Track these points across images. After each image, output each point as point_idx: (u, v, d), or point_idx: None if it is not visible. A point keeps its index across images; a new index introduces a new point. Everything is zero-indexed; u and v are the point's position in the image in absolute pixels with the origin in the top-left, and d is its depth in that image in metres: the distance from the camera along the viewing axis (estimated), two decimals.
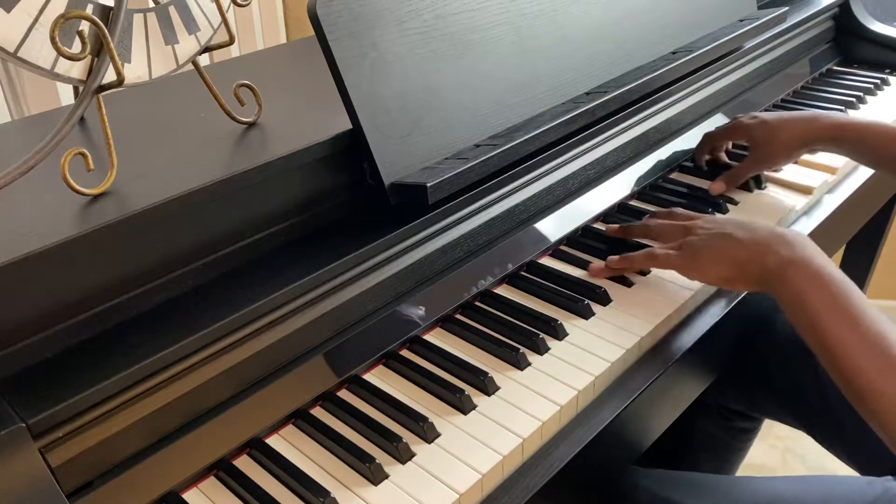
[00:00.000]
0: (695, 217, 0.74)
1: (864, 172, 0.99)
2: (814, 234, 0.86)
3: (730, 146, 0.98)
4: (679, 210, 0.78)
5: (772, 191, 0.91)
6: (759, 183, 0.92)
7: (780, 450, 1.55)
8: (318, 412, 0.62)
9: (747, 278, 0.65)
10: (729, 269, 0.66)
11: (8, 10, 0.52)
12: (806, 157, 0.94)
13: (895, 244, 1.55)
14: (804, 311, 0.59)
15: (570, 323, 0.70)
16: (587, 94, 0.85)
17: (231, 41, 0.69)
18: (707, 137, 0.95)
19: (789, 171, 0.94)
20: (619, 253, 0.76)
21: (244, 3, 0.69)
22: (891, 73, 1.24)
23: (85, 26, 0.56)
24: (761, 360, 0.91)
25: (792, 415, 0.90)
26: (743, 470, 1.16)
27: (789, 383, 0.89)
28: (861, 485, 0.69)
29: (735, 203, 0.88)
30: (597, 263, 0.76)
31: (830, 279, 0.59)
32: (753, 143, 0.89)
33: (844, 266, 1.49)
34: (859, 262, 1.45)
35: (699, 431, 1.06)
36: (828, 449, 0.89)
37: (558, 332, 0.68)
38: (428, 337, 0.69)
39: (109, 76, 0.58)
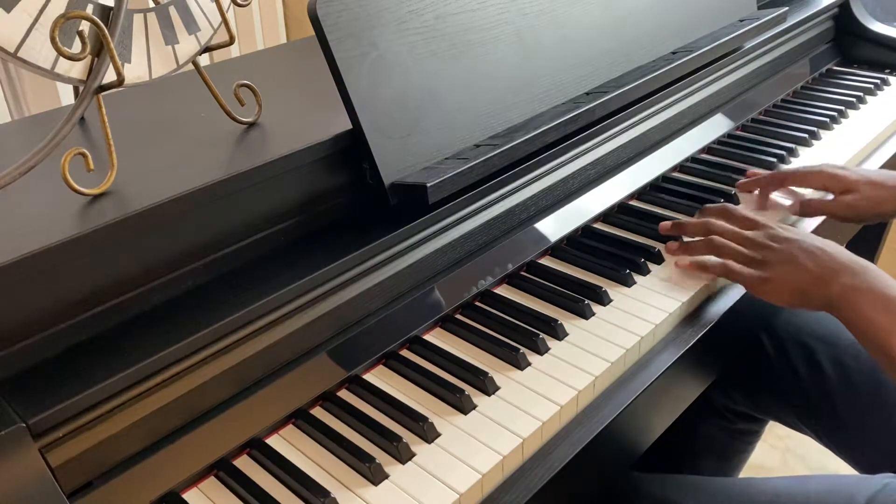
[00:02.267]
0: (757, 225, 0.73)
1: None
2: (815, 234, 0.86)
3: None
4: (731, 208, 0.76)
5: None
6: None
7: (780, 450, 1.55)
8: (318, 412, 0.62)
9: (812, 304, 0.66)
10: (795, 296, 0.67)
11: (8, 10, 0.52)
12: None
13: (895, 244, 1.54)
14: (875, 337, 0.61)
15: (570, 323, 0.70)
16: (587, 94, 0.85)
17: (231, 41, 0.69)
18: (776, 180, 0.87)
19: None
20: (621, 255, 0.76)
21: (244, 3, 0.69)
22: (891, 73, 1.24)
23: (85, 26, 0.56)
24: (765, 361, 0.91)
25: (795, 416, 0.90)
26: (743, 470, 1.16)
27: (793, 384, 0.88)
28: (859, 481, 0.69)
29: (737, 203, 0.88)
30: (671, 245, 0.78)
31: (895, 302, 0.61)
32: (845, 191, 0.82)
33: None
34: None
35: (702, 434, 1.05)
36: (831, 449, 0.89)
37: (558, 332, 0.68)
38: (428, 337, 0.69)
39: (109, 76, 0.58)
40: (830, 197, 0.84)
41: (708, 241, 0.74)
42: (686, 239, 0.77)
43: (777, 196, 0.88)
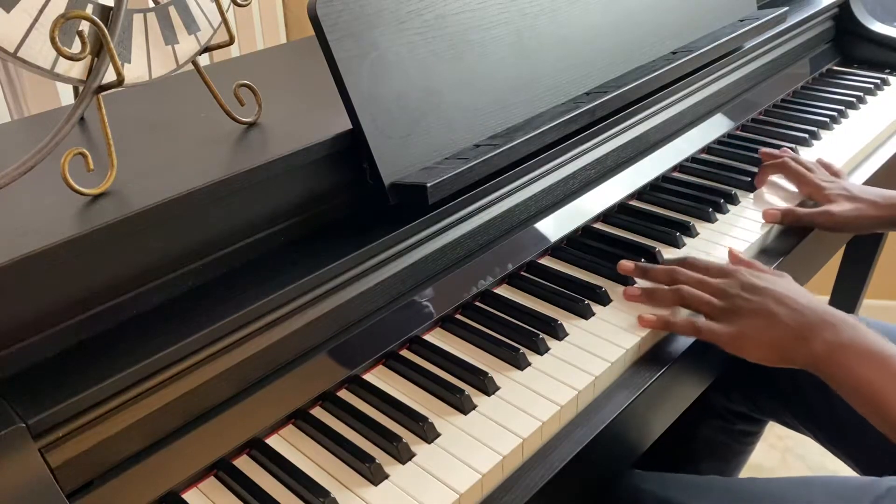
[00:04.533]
0: (723, 272, 0.69)
1: (864, 173, 0.99)
2: (814, 234, 0.86)
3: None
4: (697, 260, 0.72)
5: (772, 191, 0.91)
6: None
7: (779, 450, 1.55)
8: (318, 412, 0.62)
9: (792, 361, 0.63)
10: (772, 353, 0.63)
11: (8, 10, 0.52)
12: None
13: (895, 244, 1.55)
14: (866, 394, 0.58)
15: (570, 323, 0.70)
16: (587, 93, 0.85)
17: (231, 41, 0.69)
18: (779, 166, 0.89)
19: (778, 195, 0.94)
20: (621, 255, 0.75)
21: (244, 3, 0.69)
22: (891, 73, 1.24)
23: (85, 26, 0.56)
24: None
25: (795, 416, 0.90)
26: (742, 470, 1.16)
27: (792, 385, 0.88)
28: (864, 484, 0.69)
29: (737, 203, 0.88)
30: (632, 291, 0.72)
31: (884, 355, 0.58)
32: (829, 202, 0.84)
33: (844, 266, 1.49)
34: (859, 262, 1.45)
35: (701, 435, 1.05)
36: (830, 451, 0.89)
37: (558, 332, 0.68)
38: (428, 337, 0.69)
39: (109, 76, 0.58)
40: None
41: (675, 290, 0.69)
42: (649, 285, 0.72)
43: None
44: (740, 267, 0.70)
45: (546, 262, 0.79)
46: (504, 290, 0.75)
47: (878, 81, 1.19)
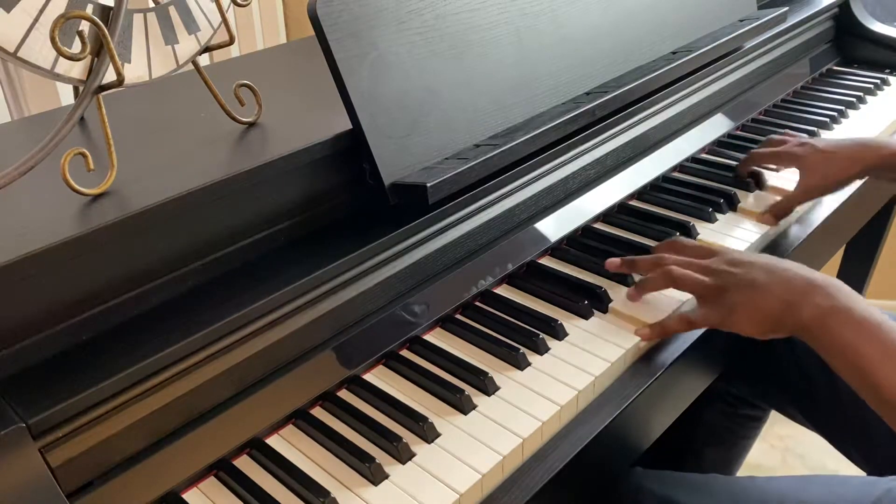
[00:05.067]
0: (709, 252, 0.69)
1: None
2: (814, 234, 0.86)
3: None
4: (682, 241, 0.73)
5: (772, 190, 0.91)
6: (759, 184, 0.92)
7: (779, 450, 1.55)
8: (318, 412, 0.62)
9: (782, 329, 0.62)
10: (764, 324, 0.62)
11: (8, 10, 0.52)
12: None
13: (895, 244, 1.54)
14: (854, 361, 0.57)
15: (570, 323, 0.70)
16: (587, 93, 0.85)
17: (231, 41, 0.69)
18: (751, 159, 0.91)
19: (789, 172, 0.94)
20: (621, 255, 0.76)
21: (244, 3, 0.69)
22: (891, 73, 1.24)
23: (85, 26, 0.56)
24: (771, 352, 0.91)
25: (798, 408, 0.90)
26: (743, 470, 1.16)
27: (798, 377, 0.88)
28: (865, 484, 0.69)
29: (736, 202, 0.88)
30: (630, 291, 0.72)
31: (878, 324, 0.57)
32: (805, 171, 0.85)
33: (844, 266, 1.49)
34: (859, 262, 1.45)
35: (705, 420, 1.05)
36: (833, 444, 0.89)
37: (558, 332, 0.68)
38: (428, 337, 0.69)
39: (109, 76, 0.58)
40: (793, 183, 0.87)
41: (665, 273, 0.69)
42: (639, 278, 0.73)
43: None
44: (724, 246, 0.70)
45: (546, 262, 0.79)
46: (504, 290, 0.75)
47: (878, 81, 1.19)
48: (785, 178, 0.93)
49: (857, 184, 0.95)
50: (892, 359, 0.56)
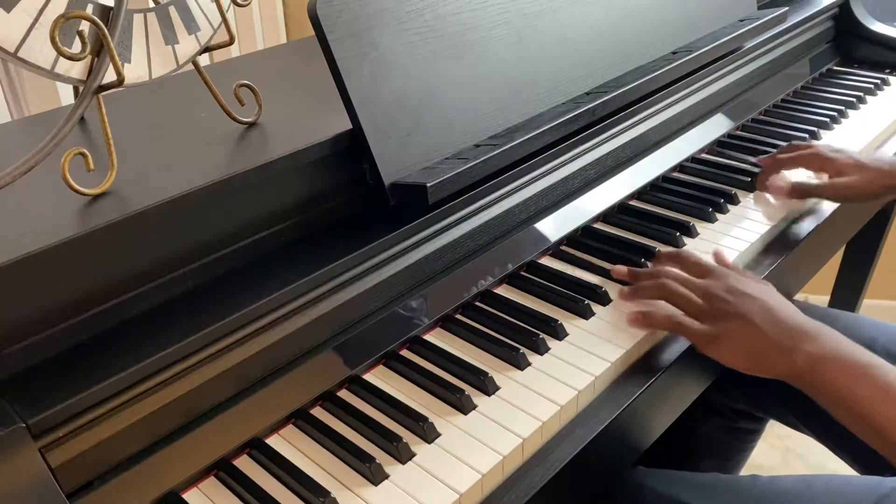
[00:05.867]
0: (712, 273, 0.69)
1: None
2: (814, 234, 0.86)
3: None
4: (685, 255, 0.72)
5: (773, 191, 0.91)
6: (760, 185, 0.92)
7: (780, 450, 1.55)
8: (318, 412, 0.62)
9: (770, 371, 0.62)
10: (749, 360, 0.63)
11: (8, 10, 0.52)
12: None
13: (895, 244, 1.55)
14: (851, 405, 0.58)
15: (570, 323, 0.70)
16: (587, 93, 0.85)
17: (231, 41, 0.69)
18: (780, 164, 0.89)
19: (788, 172, 0.94)
20: (621, 255, 0.75)
21: (244, 3, 0.69)
22: (891, 73, 1.24)
23: (85, 26, 0.56)
24: None
25: (795, 416, 0.90)
26: (743, 469, 1.16)
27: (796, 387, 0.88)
28: (867, 484, 0.68)
29: (737, 203, 0.88)
30: (622, 290, 0.72)
31: (870, 366, 0.58)
32: (837, 173, 0.85)
33: (844, 266, 1.49)
34: (859, 262, 1.45)
35: (702, 433, 1.05)
36: (830, 449, 0.89)
37: (558, 332, 0.68)
38: (428, 337, 0.69)
39: (109, 76, 0.58)
40: (824, 178, 0.86)
41: (660, 286, 0.69)
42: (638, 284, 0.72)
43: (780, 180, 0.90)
44: (729, 270, 0.70)
45: (546, 262, 0.79)
46: (504, 290, 0.75)
47: (878, 81, 1.19)
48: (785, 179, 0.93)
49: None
50: (889, 399, 0.56)
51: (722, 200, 0.87)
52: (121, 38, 0.59)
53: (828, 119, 1.07)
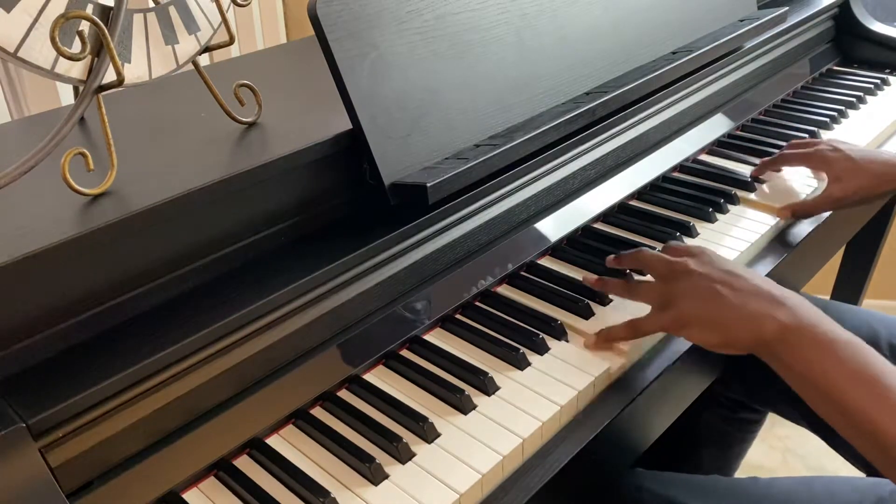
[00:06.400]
0: (685, 252, 0.66)
1: None
2: (815, 234, 0.86)
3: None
4: (673, 244, 0.70)
5: (772, 190, 0.91)
6: (761, 183, 0.92)
7: (779, 450, 1.55)
8: (318, 412, 0.62)
9: (737, 344, 0.58)
10: (716, 334, 0.59)
11: (8, 10, 0.52)
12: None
13: (895, 244, 1.55)
14: (815, 378, 0.54)
15: (571, 323, 0.69)
16: (587, 93, 0.85)
17: (231, 41, 0.69)
18: (780, 158, 0.89)
19: (788, 171, 0.94)
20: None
21: (244, 3, 0.69)
22: (891, 73, 1.24)
23: (85, 26, 0.56)
24: None
25: (795, 410, 0.90)
26: (743, 470, 1.16)
27: None
28: (867, 485, 0.68)
29: (737, 203, 0.88)
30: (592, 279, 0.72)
31: (836, 341, 0.54)
32: (834, 180, 0.83)
33: (844, 266, 1.49)
34: (859, 262, 1.45)
35: (703, 423, 1.05)
36: (830, 445, 0.89)
37: (558, 332, 0.68)
38: (428, 337, 0.69)
39: (109, 76, 0.58)
40: (822, 179, 0.86)
41: (624, 286, 0.68)
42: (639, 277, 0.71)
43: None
44: (707, 250, 0.66)
45: (546, 262, 0.79)
46: (504, 290, 0.75)
47: (878, 81, 1.19)
48: (787, 179, 0.93)
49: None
50: (859, 380, 0.53)
51: (722, 200, 0.87)
52: (121, 38, 0.59)
53: (828, 119, 1.07)
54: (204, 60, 0.69)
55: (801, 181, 0.92)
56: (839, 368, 0.53)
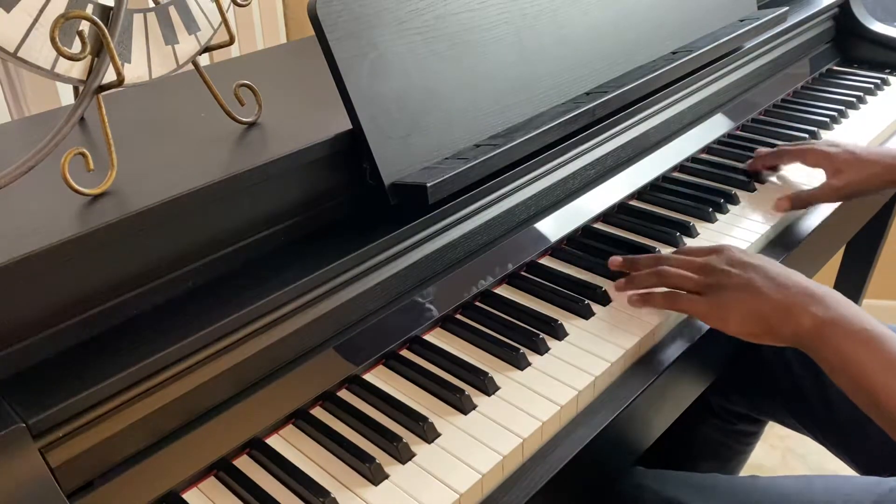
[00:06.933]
0: (708, 251, 0.69)
1: None
2: (814, 234, 0.86)
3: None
4: (686, 248, 0.73)
5: (772, 190, 0.91)
6: (761, 181, 0.92)
7: (780, 450, 1.55)
8: (318, 412, 0.62)
9: (777, 336, 0.61)
10: (756, 326, 0.61)
11: (8, 10, 0.52)
12: None
13: (895, 244, 1.55)
14: (850, 370, 0.57)
15: (570, 323, 0.69)
16: (587, 93, 0.85)
17: (231, 41, 0.69)
18: (776, 155, 0.90)
19: (788, 171, 0.94)
20: (622, 255, 0.76)
21: (244, 3, 0.69)
22: (891, 73, 1.24)
23: (85, 26, 0.56)
24: (764, 362, 0.91)
25: (795, 417, 0.90)
26: (743, 470, 1.16)
27: (792, 386, 0.88)
28: (866, 484, 0.68)
29: (737, 203, 0.88)
30: (619, 282, 0.72)
31: (873, 334, 0.57)
32: (834, 172, 0.84)
33: (844, 266, 1.49)
34: (859, 262, 1.45)
35: (700, 436, 1.05)
36: (829, 449, 0.89)
37: (558, 332, 0.68)
38: (428, 337, 0.69)
39: (109, 76, 0.58)
40: (822, 176, 0.86)
41: (656, 272, 0.68)
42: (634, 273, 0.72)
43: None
44: (728, 246, 0.69)
45: (546, 262, 0.79)
46: (504, 290, 0.75)
47: (878, 81, 1.19)
48: (787, 179, 0.93)
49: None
50: (889, 367, 0.55)
51: (722, 200, 0.87)
52: (121, 38, 0.59)
53: (828, 119, 1.07)
54: (204, 60, 0.69)
55: (802, 181, 0.92)
56: (874, 360, 0.56)
